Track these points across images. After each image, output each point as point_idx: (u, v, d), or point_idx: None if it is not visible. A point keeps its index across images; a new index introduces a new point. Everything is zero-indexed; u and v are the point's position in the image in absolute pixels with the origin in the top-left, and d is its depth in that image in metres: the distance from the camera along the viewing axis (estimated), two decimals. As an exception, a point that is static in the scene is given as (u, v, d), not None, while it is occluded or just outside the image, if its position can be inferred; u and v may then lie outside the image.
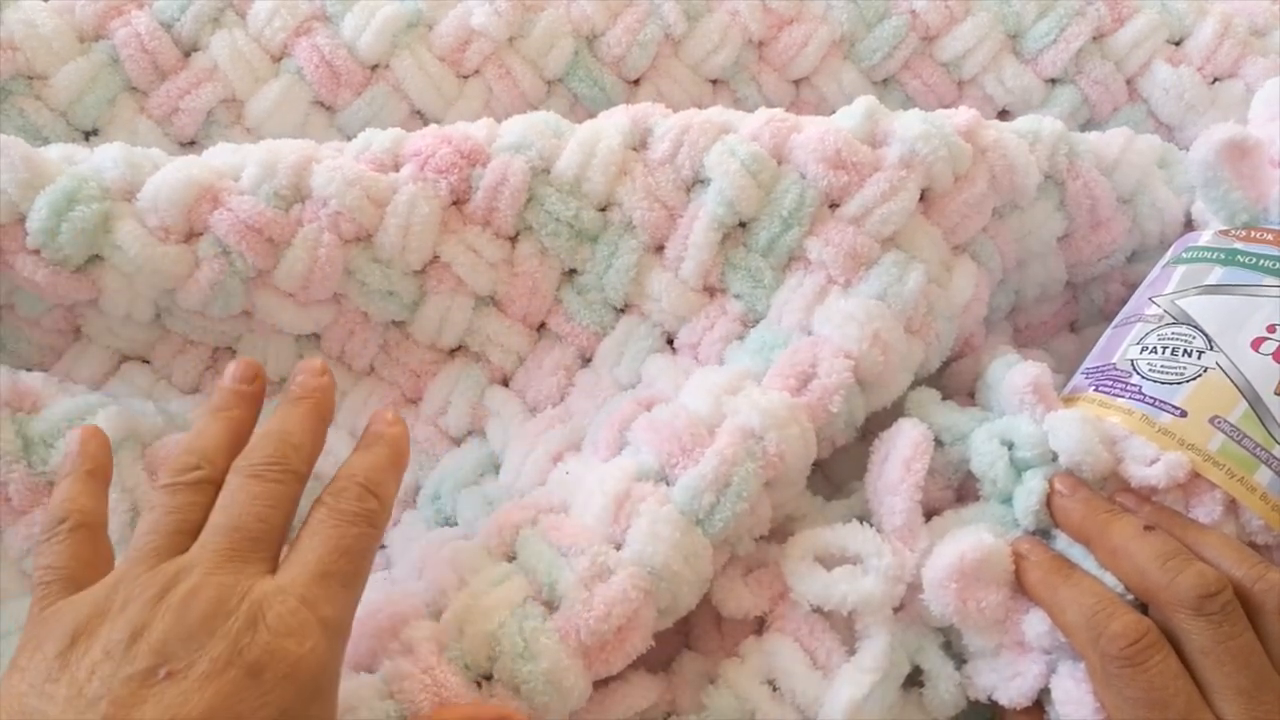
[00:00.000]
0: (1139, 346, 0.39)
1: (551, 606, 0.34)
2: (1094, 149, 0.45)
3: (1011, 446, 0.37)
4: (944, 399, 0.41)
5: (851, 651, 0.36)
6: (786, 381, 0.38)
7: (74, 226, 0.38)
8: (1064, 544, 0.35)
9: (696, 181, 0.43)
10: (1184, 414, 0.36)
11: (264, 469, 0.31)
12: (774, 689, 0.36)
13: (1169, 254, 0.43)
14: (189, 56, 0.49)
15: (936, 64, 0.55)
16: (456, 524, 0.41)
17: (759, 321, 0.42)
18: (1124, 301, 0.44)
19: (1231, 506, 0.35)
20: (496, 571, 0.35)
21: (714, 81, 0.54)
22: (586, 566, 0.34)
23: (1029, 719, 0.35)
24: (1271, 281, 0.38)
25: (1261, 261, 0.39)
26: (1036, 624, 0.34)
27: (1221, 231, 0.42)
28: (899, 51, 0.54)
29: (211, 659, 0.26)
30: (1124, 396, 0.38)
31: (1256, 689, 0.30)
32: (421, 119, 0.50)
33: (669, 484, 0.36)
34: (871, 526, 0.37)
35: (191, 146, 0.49)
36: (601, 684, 0.35)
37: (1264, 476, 0.35)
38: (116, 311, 0.41)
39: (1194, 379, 0.37)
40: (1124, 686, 0.31)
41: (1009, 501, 0.37)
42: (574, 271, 0.44)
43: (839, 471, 0.43)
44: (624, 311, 0.45)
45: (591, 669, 0.33)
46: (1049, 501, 0.36)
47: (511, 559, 0.35)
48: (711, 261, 0.42)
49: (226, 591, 0.28)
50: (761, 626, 0.38)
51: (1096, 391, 0.39)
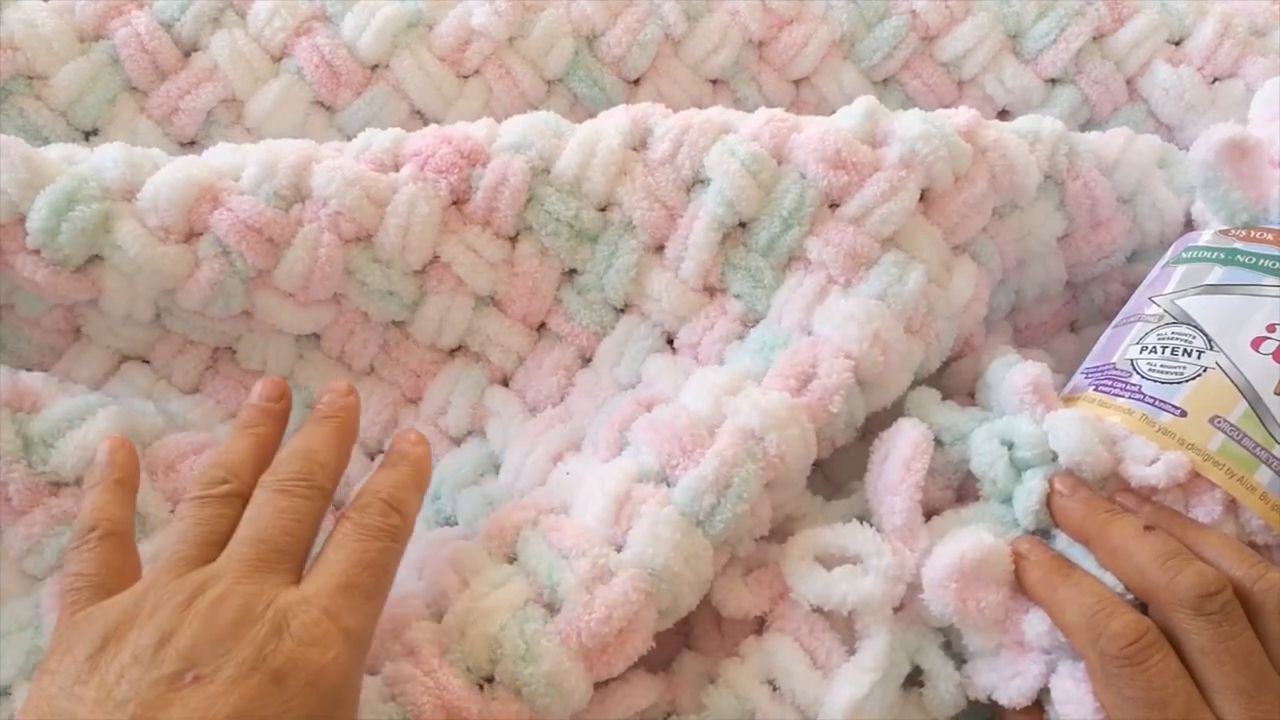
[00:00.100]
0: (1139, 346, 0.39)
1: (552, 609, 0.34)
2: (1094, 149, 0.45)
3: (1011, 446, 0.37)
4: (944, 399, 0.41)
5: (851, 651, 0.36)
6: (786, 382, 0.38)
7: (74, 226, 0.38)
8: (1064, 544, 0.36)
9: (696, 181, 0.43)
10: (1184, 414, 0.36)
11: (291, 484, 0.32)
12: (774, 689, 0.36)
13: (1169, 254, 0.43)
14: (189, 56, 0.49)
15: (936, 64, 0.55)
16: (456, 524, 0.41)
17: (759, 321, 0.42)
18: (1124, 301, 0.44)
19: (1231, 506, 0.35)
20: (497, 573, 0.35)
21: (714, 81, 0.54)
22: (587, 568, 0.34)
23: (1029, 719, 0.35)
24: (1271, 281, 0.38)
25: (1261, 261, 0.39)
26: (1036, 624, 0.34)
27: (1221, 231, 0.42)
28: (899, 51, 0.54)
29: (237, 664, 0.27)
30: (1124, 396, 0.38)
31: (1256, 689, 0.30)
32: (421, 119, 0.50)
33: (669, 485, 0.36)
34: (871, 526, 0.37)
35: (191, 146, 0.49)
36: (602, 684, 0.35)
37: (1264, 476, 0.35)
38: (116, 311, 0.41)
39: (1194, 379, 0.37)
40: (1124, 686, 0.31)
41: (1009, 501, 0.37)
42: (574, 271, 0.44)
43: (839, 471, 0.43)
44: (624, 311, 0.45)
45: (592, 671, 0.34)
46: (1049, 501, 0.36)
47: (512, 560, 0.36)
48: (711, 261, 0.42)
49: (252, 600, 0.29)
50: (761, 626, 0.38)
51: (1096, 391, 0.39)
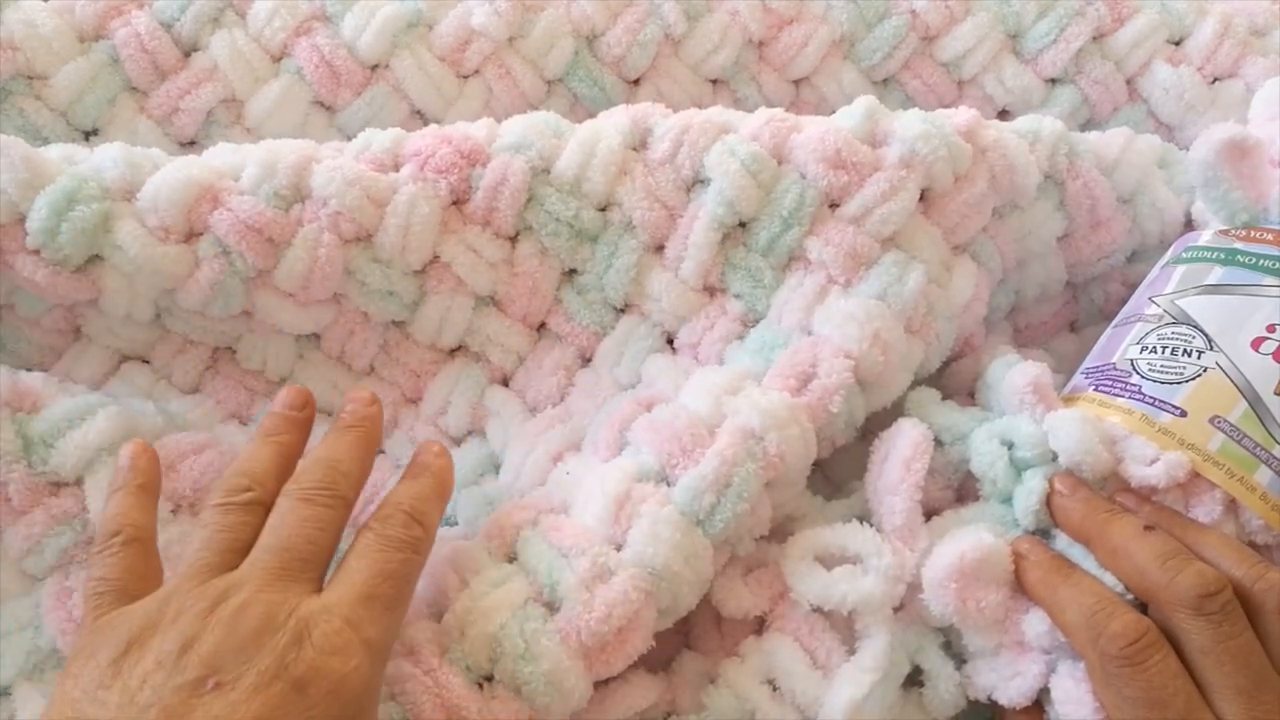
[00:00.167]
0: (1139, 346, 0.39)
1: (552, 608, 0.34)
2: (1094, 149, 0.45)
3: (1011, 446, 0.37)
4: (944, 399, 0.41)
5: (851, 651, 0.36)
6: (787, 381, 0.38)
7: (74, 226, 0.38)
8: (1064, 544, 0.36)
9: (696, 181, 0.43)
10: (1184, 414, 0.36)
11: (314, 493, 0.32)
12: (774, 689, 0.36)
13: (1169, 254, 0.43)
14: (189, 56, 0.49)
15: (936, 64, 0.55)
16: (456, 524, 0.41)
17: (759, 321, 0.42)
18: (1124, 301, 0.44)
19: (1231, 506, 0.35)
20: (497, 573, 0.35)
21: (714, 81, 0.54)
22: (587, 567, 0.34)
23: (1029, 719, 0.35)
24: (1271, 281, 0.38)
25: (1261, 261, 0.39)
26: (1036, 624, 0.34)
27: (1221, 231, 0.42)
28: (899, 51, 0.54)
29: (259, 672, 0.27)
30: (1124, 396, 0.38)
31: (1256, 688, 0.30)
32: (421, 119, 0.50)
33: (669, 484, 0.36)
34: (871, 526, 0.37)
35: (191, 146, 0.49)
36: (602, 684, 0.35)
37: (1264, 476, 0.35)
38: (116, 311, 0.41)
39: (1194, 379, 0.37)
40: (1123, 686, 0.31)
41: (1009, 501, 0.37)
42: (574, 271, 0.44)
43: (839, 471, 0.43)
44: (624, 311, 0.45)
45: (592, 670, 0.34)
46: (1049, 501, 0.36)
47: (512, 560, 0.36)
48: (711, 261, 0.42)
49: (275, 608, 0.29)
50: (761, 626, 0.38)
51: (1096, 391, 0.39)
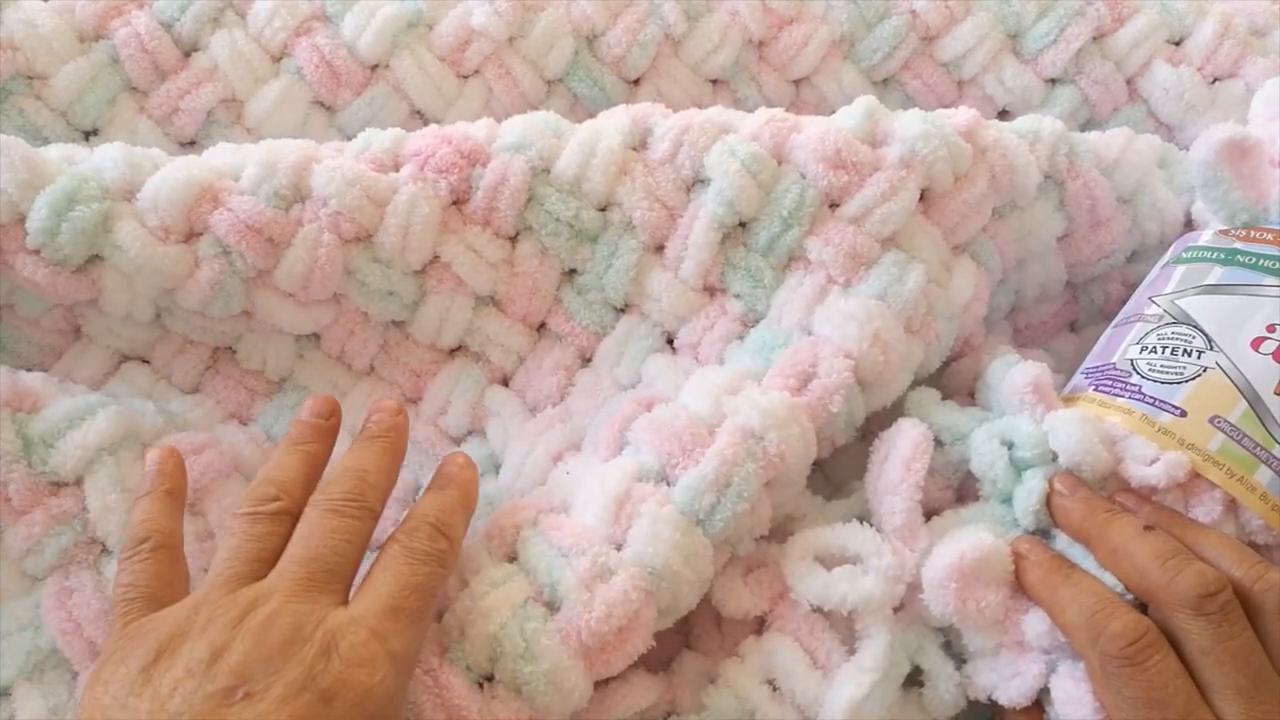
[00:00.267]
0: (1139, 346, 0.39)
1: (552, 607, 0.34)
2: (1094, 149, 0.45)
3: (1011, 446, 0.37)
4: (944, 399, 0.41)
5: (851, 651, 0.36)
6: (787, 381, 0.38)
7: (74, 226, 0.38)
8: (1064, 544, 0.36)
9: (696, 181, 0.43)
10: (1184, 414, 0.36)
11: (342, 504, 0.33)
12: (774, 689, 0.36)
13: (1169, 254, 0.43)
14: (189, 56, 0.49)
15: (936, 64, 0.55)
16: (457, 524, 0.41)
17: (759, 321, 0.42)
18: (1124, 301, 0.44)
19: (1231, 506, 0.35)
20: (497, 572, 0.35)
21: (714, 81, 0.54)
22: (587, 567, 0.34)
23: (1029, 719, 0.35)
24: (1271, 281, 0.38)
25: (1261, 261, 0.39)
26: (1036, 624, 0.34)
27: (1221, 231, 0.42)
28: (899, 51, 0.54)
29: (287, 683, 0.27)
30: (1124, 396, 0.38)
31: (1255, 689, 0.30)
32: (421, 119, 0.50)
33: (669, 484, 0.36)
34: (871, 526, 0.37)
35: (191, 146, 0.49)
36: (602, 684, 0.35)
37: (1264, 476, 0.35)
38: (116, 311, 0.41)
39: (1194, 379, 0.37)
40: (1123, 686, 0.31)
41: (1009, 501, 0.37)
42: (574, 271, 0.44)
43: (839, 471, 0.43)
44: (624, 311, 0.45)
45: (592, 670, 0.34)
46: (1049, 501, 0.36)
47: (512, 559, 0.36)
48: (711, 261, 0.42)
49: (303, 619, 0.29)
50: (761, 626, 0.38)
51: (1096, 391, 0.39)
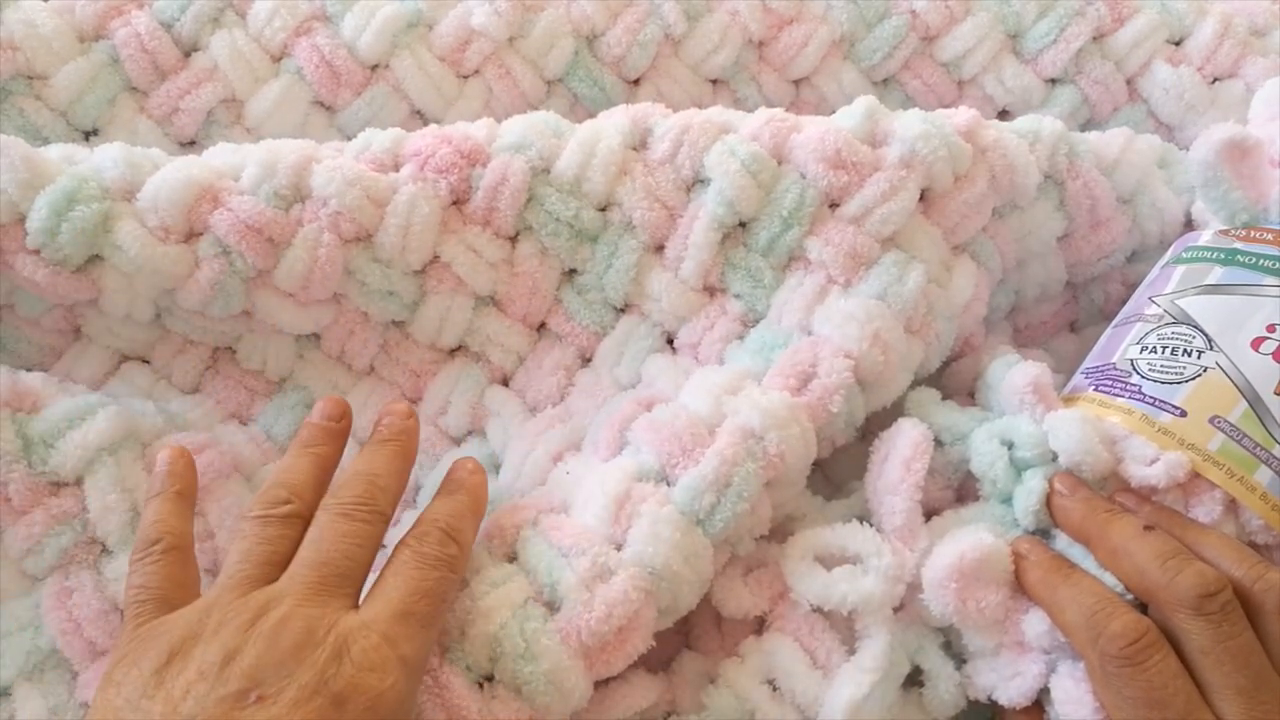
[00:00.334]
0: (1139, 346, 0.39)
1: (552, 607, 0.34)
2: (1094, 149, 0.45)
3: (1011, 446, 0.37)
4: (944, 399, 0.41)
5: (851, 651, 0.36)
6: (787, 381, 0.38)
7: (74, 226, 0.38)
8: (1064, 544, 0.36)
9: (696, 181, 0.43)
10: (1184, 414, 0.36)
11: (353, 509, 0.33)
12: (774, 689, 0.36)
13: (1169, 254, 0.43)
14: (189, 56, 0.49)
15: (936, 64, 0.55)
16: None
17: (759, 321, 0.42)
18: (1124, 301, 0.44)
19: (1231, 506, 0.35)
20: (497, 572, 0.35)
21: (714, 81, 0.54)
22: (587, 567, 0.34)
23: (1029, 719, 0.35)
24: (1271, 281, 0.38)
25: (1261, 261, 0.39)
26: (1036, 624, 0.34)
27: (1221, 231, 0.42)
28: (899, 51, 0.54)
29: (299, 687, 0.28)
30: (1124, 396, 0.38)
31: (1255, 688, 0.30)
32: (421, 119, 0.50)
33: (669, 484, 0.36)
34: (871, 526, 0.37)
35: (191, 146, 0.49)
36: (602, 684, 0.35)
37: (1264, 476, 0.35)
38: (116, 311, 0.41)
39: (1194, 379, 0.37)
40: (1123, 686, 0.31)
41: (1009, 501, 0.37)
42: (574, 271, 0.44)
43: (839, 471, 0.43)
44: (624, 311, 0.45)
45: (592, 669, 0.34)
46: (1049, 501, 0.36)
47: (512, 559, 0.36)
48: (711, 261, 0.42)
49: (314, 623, 0.29)
50: (761, 626, 0.38)
51: (1096, 391, 0.39)
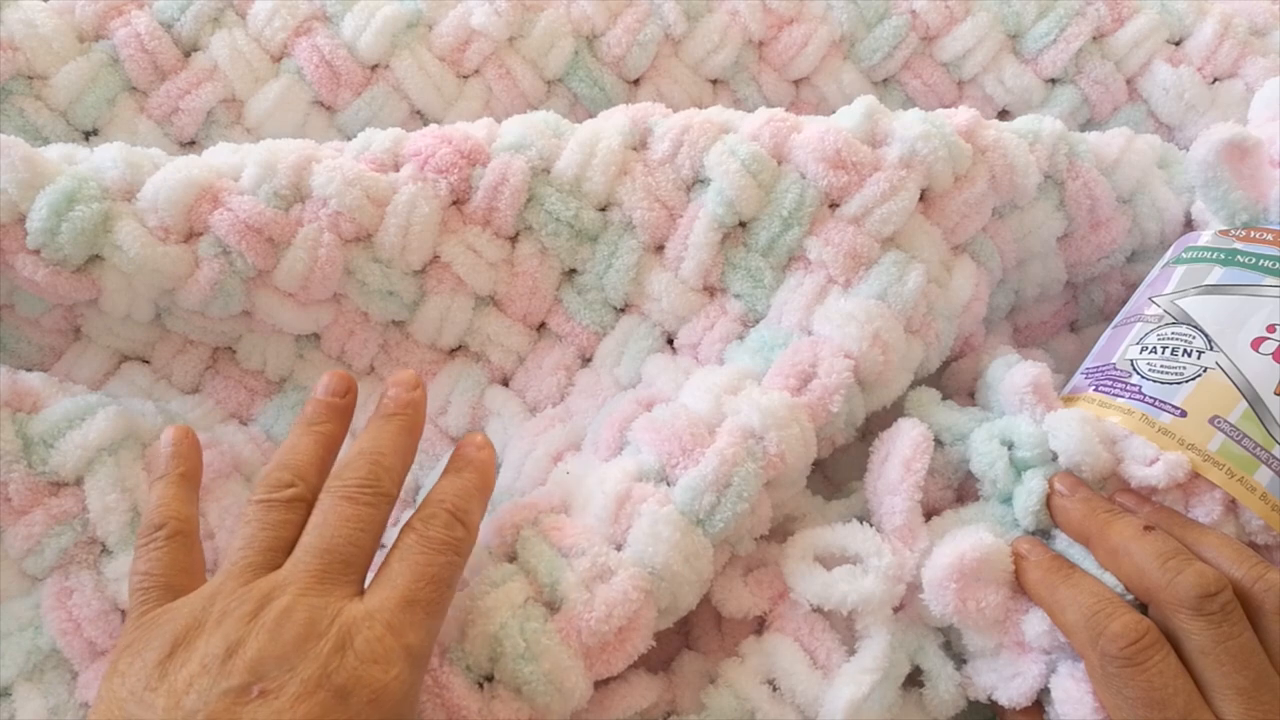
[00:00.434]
0: (1139, 346, 0.39)
1: (552, 607, 0.34)
2: (1094, 149, 0.45)
3: (1011, 446, 0.37)
4: (944, 399, 0.41)
5: (851, 651, 0.36)
6: (787, 381, 0.38)
7: (74, 226, 0.38)
8: (1064, 544, 0.36)
9: (696, 181, 0.43)
10: (1184, 414, 0.36)
11: (356, 492, 0.32)
12: (774, 689, 0.36)
13: (1169, 254, 0.43)
14: (189, 56, 0.49)
15: (936, 64, 0.55)
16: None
17: (759, 321, 0.42)
18: (1124, 301, 0.44)
19: (1231, 506, 0.35)
20: (497, 572, 0.35)
21: (714, 81, 0.54)
22: (587, 567, 0.34)
23: (1029, 719, 0.35)
24: (1271, 281, 0.38)
25: (1261, 261, 0.39)
26: (1036, 624, 0.34)
27: (1221, 231, 0.42)
28: (899, 51, 0.54)
29: (302, 680, 0.27)
30: (1124, 396, 0.38)
31: (1255, 689, 0.30)
32: (421, 119, 0.50)
33: (669, 484, 0.36)
34: (871, 526, 0.37)
35: (191, 146, 0.49)
36: (602, 684, 0.35)
37: (1264, 476, 0.35)
38: (116, 311, 0.41)
39: (1194, 379, 0.37)
40: (1123, 686, 0.31)
41: (1009, 501, 0.37)
42: (574, 271, 0.44)
43: (839, 471, 0.43)
44: (624, 311, 0.45)
45: (592, 669, 0.34)
46: (1049, 501, 0.36)
47: (512, 559, 0.36)
48: (711, 261, 0.42)
49: (317, 613, 0.29)
50: (761, 626, 0.38)
51: (1096, 391, 0.39)
